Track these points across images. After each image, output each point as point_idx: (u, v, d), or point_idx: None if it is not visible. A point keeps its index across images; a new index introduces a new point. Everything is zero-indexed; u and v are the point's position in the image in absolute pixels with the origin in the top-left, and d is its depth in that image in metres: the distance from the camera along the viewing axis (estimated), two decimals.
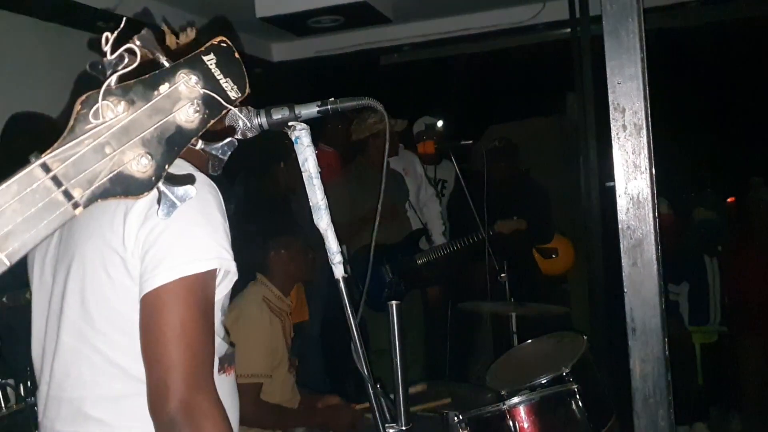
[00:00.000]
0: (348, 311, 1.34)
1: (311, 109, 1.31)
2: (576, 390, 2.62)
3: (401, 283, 4.23)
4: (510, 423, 2.51)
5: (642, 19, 1.18)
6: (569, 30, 4.51)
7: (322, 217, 1.32)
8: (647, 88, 1.18)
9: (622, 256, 1.22)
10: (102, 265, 1.38)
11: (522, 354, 3.26)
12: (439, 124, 5.18)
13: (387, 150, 1.59)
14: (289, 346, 3.00)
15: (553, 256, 4.99)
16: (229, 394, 1.48)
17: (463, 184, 4.10)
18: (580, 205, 4.52)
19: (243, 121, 1.23)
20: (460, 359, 4.70)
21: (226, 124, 1.25)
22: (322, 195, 1.32)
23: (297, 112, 1.29)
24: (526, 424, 2.52)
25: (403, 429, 1.39)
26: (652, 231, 1.19)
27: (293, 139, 1.29)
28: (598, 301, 4.14)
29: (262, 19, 4.85)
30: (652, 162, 1.19)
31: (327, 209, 1.32)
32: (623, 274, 1.23)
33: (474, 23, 5.41)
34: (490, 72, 6.56)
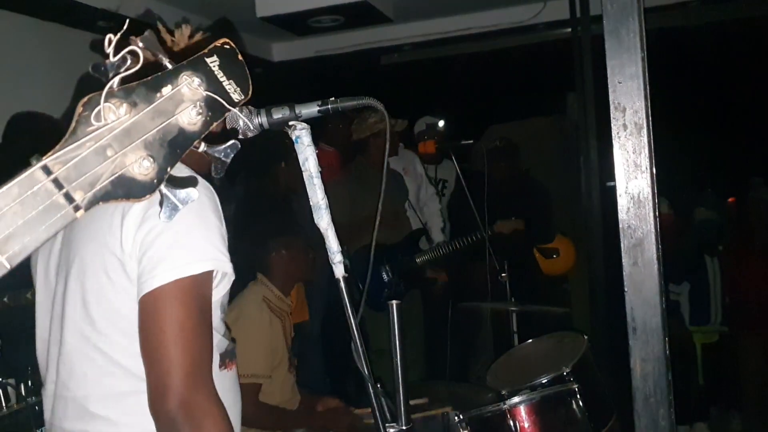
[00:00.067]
0: (348, 311, 1.34)
1: (312, 109, 1.31)
2: (576, 390, 2.62)
3: (401, 283, 4.22)
4: (510, 423, 2.51)
5: (642, 18, 1.18)
6: (570, 30, 4.52)
7: (323, 217, 1.32)
8: (648, 87, 1.18)
9: (623, 255, 1.22)
10: (102, 267, 1.40)
11: (522, 354, 3.25)
12: (440, 124, 5.17)
13: (387, 150, 1.60)
14: (290, 346, 3.00)
15: (554, 256, 4.98)
16: (230, 389, 1.50)
17: (464, 184, 4.10)
18: (581, 205, 4.52)
19: (243, 121, 1.23)
20: (460, 359, 4.69)
21: (227, 125, 1.24)
22: (323, 194, 1.32)
23: (297, 111, 1.29)
24: (526, 424, 2.53)
25: (404, 428, 1.39)
26: (653, 230, 1.19)
27: (294, 138, 1.29)
28: (598, 301, 4.14)
29: (263, 18, 4.85)
30: (653, 161, 1.19)
31: (327, 209, 1.33)
32: (624, 274, 1.23)
33: (474, 23, 5.42)
34: (490, 72, 6.55)
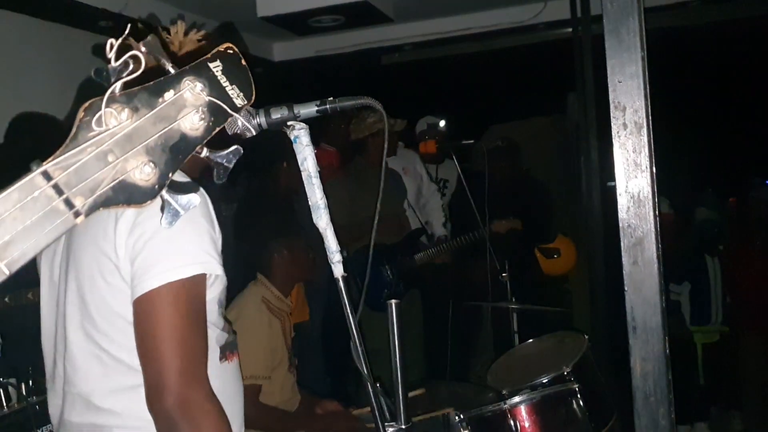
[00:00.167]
0: (347, 310, 1.34)
1: (310, 109, 1.30)
2: (577, 389, 2.62)
3: (400, 283, 4.22)
4: (511, 422, 2.51)
5: (642, 17, 1.18)
6: (570, 29, 4.51)
7: (321, 217, 1.32)
8: (648, 86, 1.18)
9: (623, 254, 1.22)
10: (98, 271, 1.45)
11: (523, 353, 3.25)
12: (441, 124, 5.16)
13: (386, 149, 1.61)
14: (290, 346, 3.00)
15: (555, 256, 4.98)
16: (231, 381, 1.57)
17: (465, 183, 4.10)
18: (582, 205, 4.52)
19: (242, 121, 1.22)
20: (461, 359, 4.69)
21: (228, 129, 1.24)
22: (322, 194, 1.32)
23: (296, 111, 1.29)
24: (527, 424, 2.52)
25: (403, 428, 1.39)
26: (653, 229, 1.19)
27: (292, 138, 1.29)
28: (599, 301, 4.13)
29: (263, 18, 4.85)
30: (653, 160, 1.19)
31: (326, 208, 1.33)
32: (624, 273, 1.23)
33: (475, 23, 5.42)
34: (491, 71, 6.55)
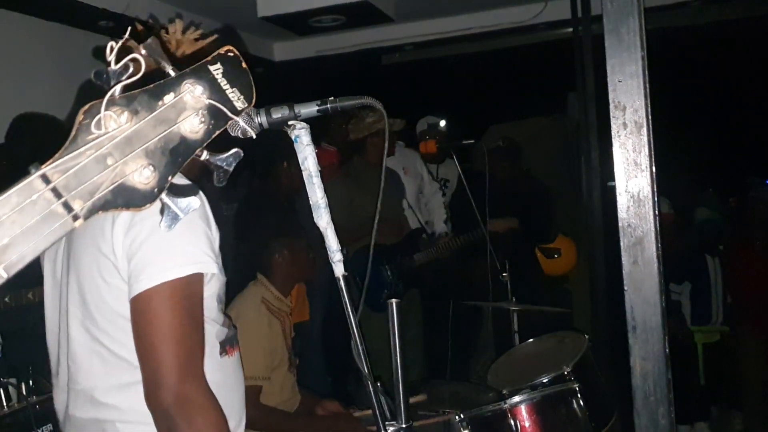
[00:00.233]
0: (347, 309, 1.34)
1: (311, 108, 1.31)
2: (577, 389, 2.62)
3: (400, 284, 4.22)
4: (511, 422, 2.51)
5: (642, 17, 1.18)
6: (570, 29, 4.51)
7: (322, 216, 1.32)
8: (648, 86, 1.18)
9: (623, 254, 1.22)
10: (98, 270, 1.48)
11: (523, 353, 3.25)
12: (442, 124, 5.16)
13: (386, 149, 1.62)
14: (289, 346, 3.00)
15: (556, 256, 4.98)
16: (232, 374, 1.63)
17: (465, 183, 4.10)
18: (582, 205, 4.51)
19: (242, 124, 1.22)
20: (461, 358, 4.69)
21: (229, 130, 1.24)
22: (322, 194, 1.32)
23: (297, 111, 1.29)
24: (527, 423, 2.53)
25: (403, 427, 1.39)
26: (653, 229, 1.19)
27: (293, 138, 1.29)
28: (599, 301, 4.13)
29: (264, 18, 4.85)
30: (653, 160, 1.19)
31: (327, 208, 1.33)
32: (623, 273, 1.23)
33: (476, 23, 5.42)
34: (491, 71, 6.55)
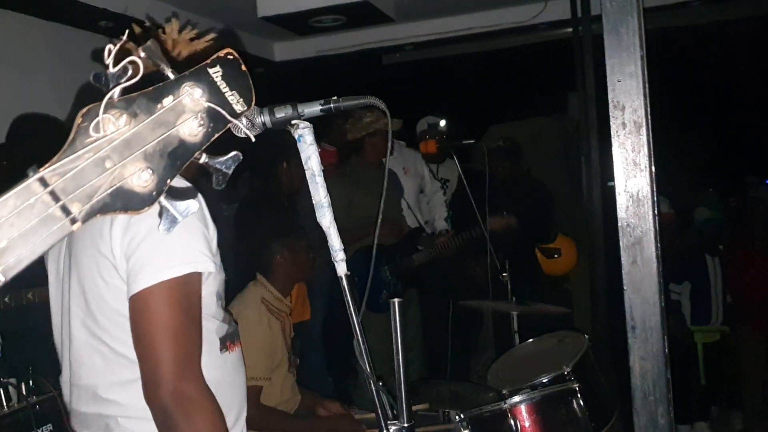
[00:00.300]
0: (350, 308, 1.35)
1: (314, 108, 1.31)
2: (577, 389, 2.62)
3: (398, 284, 4.22)
4: (511, 422, 2.51)
5: (642, 17, 1.18)
6: (571, 29, 4.51)
7: (325, 215, 1.32)
8: (647, 85, 1.18)
9: (622, 253, 1.22)
10: (97, 270, 1.50)
11: (523, 353, 3.25)
12: (442, 124, 5.17)
13: (389, 149, 1.62)
14: (289, 346, 3.00)
15: (556, 256, 4.97)
16: (232, 370, 1.66)
17: (465, 183, 4.10)
18: (582, 205, 4.51)
19: (242, 127, 1.23)
20: (461, 358, 4.70)
21: (232, 128, 1.24)
22: (325, 193, 1.32)
23: (300, 110, 1.29)
24: (527, 423, 2.53)
25: (405, 426, 1.39)
26: (652, 229, 1.19)
27: (296, 137, 1.30)
28: (599, 301, 4.13)
29: (264, 18, 4.85)
30: (652, 160, 1.19)
31: (330, 207, 1.33)
32: (623, 272, 1.23)
33: (476, 23, 5.42)
34: (491, 71, 6.56)
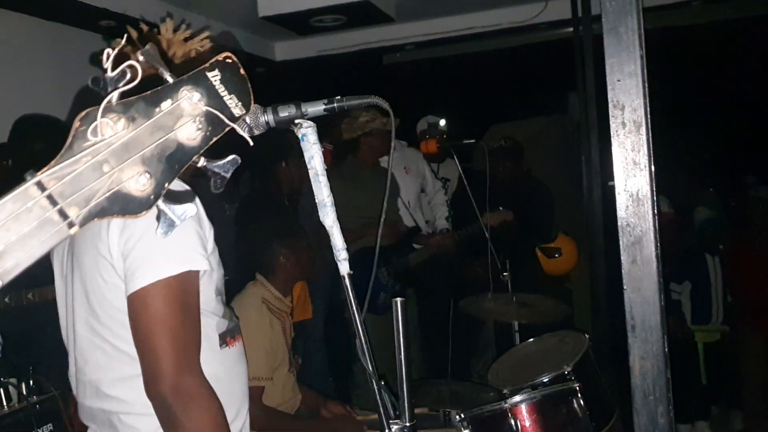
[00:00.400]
0: (352, 307, 1.34)
1: (318, 107, 1.30)
2: (578, 389, 2.62)
3: (396, 285, 4.21)
4: (512, 421, 2.51)
5: (641, 16, 1.18)
6: (571, 29, 4.51)
7: (328, 214, 1.32)
8: (647, 85, 1.18)
9: (622, 253, 1.21)
10: (96, 270, 1.54)
11: (524, 352, 3.25)
12: (442, 123, 5.17)
13: (393, 148, 1.63)
14: (290, 345, 3.00)
15: (556, 255, 4.98)
16: (233, 365, 1.70)
17: (466, 183, 4.10)
18: (583, 205, 4.52)
19: (249, 119, 1.23)
20: (461, 358, 4.69)
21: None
22: (329, 192, 1.32)
23: (304, 109, 1.29)
24: (527, 423, 2.53)
25: (407, 425, 1.39)
26: (652, 228, 1.19)
27: (300, 136, 1.29)
28: (600, 300, 4.13)
29: (265, 18, 4.86)
30: (652, 159, 1.19)
31: (333, 206, 1.33)
32: (623, 272, 1.23)
33: (476, 22, 5.42)
34: (492, 71, 6.56)
